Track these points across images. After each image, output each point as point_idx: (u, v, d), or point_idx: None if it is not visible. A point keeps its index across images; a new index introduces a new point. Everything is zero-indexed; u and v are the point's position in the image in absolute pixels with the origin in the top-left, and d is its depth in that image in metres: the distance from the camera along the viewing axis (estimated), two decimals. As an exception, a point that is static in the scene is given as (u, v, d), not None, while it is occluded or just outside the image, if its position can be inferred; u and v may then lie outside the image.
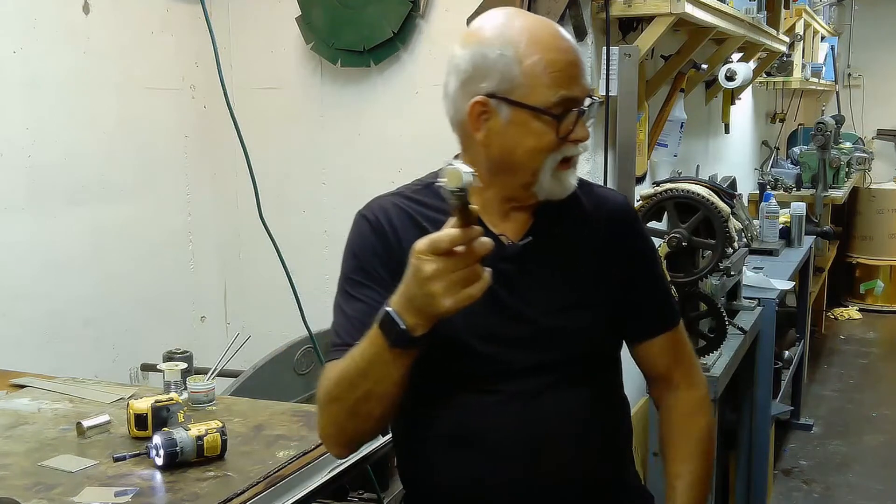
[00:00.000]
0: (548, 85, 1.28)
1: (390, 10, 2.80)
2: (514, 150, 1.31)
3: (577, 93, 1.30)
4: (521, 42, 1.28)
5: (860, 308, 6.76)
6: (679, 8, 2.54)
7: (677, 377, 1.50)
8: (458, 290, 1.12)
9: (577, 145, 1.33)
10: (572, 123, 1.30)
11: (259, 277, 3.16)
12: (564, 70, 1.29)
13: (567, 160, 1.32)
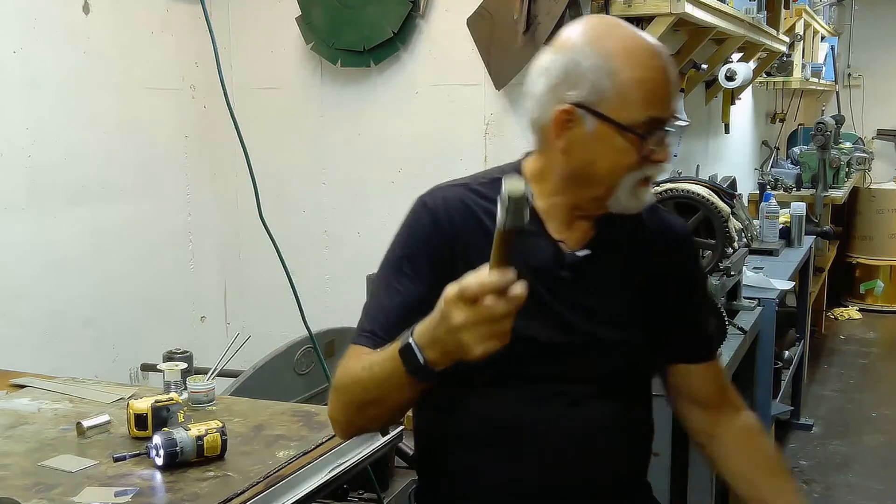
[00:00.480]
0: (638, 103, 1.25)
1: (390, 10, 2.80)
2: (594, 163, 1.29)
3: (665, 114, 1.28)
4: (616, 55, 1.25)
5: (860, 308, 6.76)
6: (679, 8, 2.54)
7: (724, 402, 1.51)
8: (489, 340, 1.08)
9: (658, 165, 1.30)
10: (656, 144, 1.28)
11: (259, 277, 3.16)
12: (656, 90, 1.26)
13: (646, 179, 1.31)
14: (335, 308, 3.02)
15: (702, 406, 1.50)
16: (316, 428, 1.66)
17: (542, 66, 1.31)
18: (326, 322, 2.54)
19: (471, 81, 2.81)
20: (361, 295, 2.75)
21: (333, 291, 3.11)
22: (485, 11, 2.69)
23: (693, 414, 1.52)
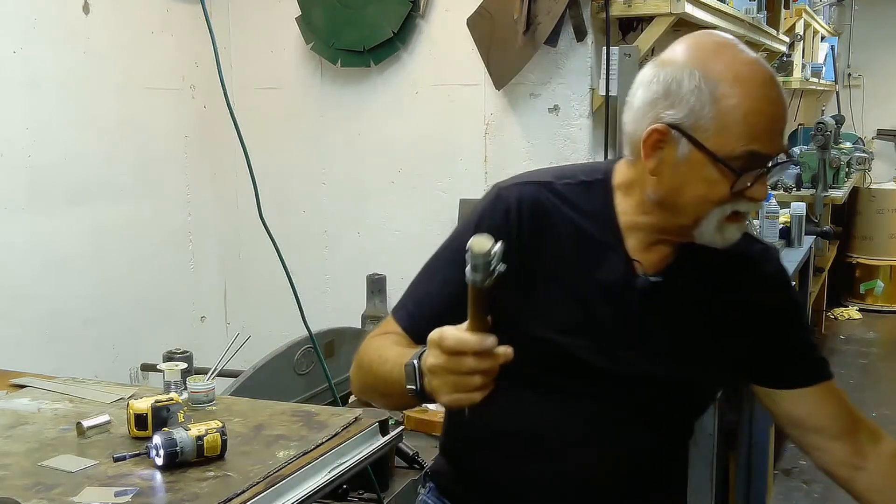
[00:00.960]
0: (738, 135, 1.15)
1: (390, 10, 2.80)
2: (682, 191, 1.20)
3: (768, 150, 1.17)
4: (724, 79, 1.16)
5: (860, 308, 6.76)
6: (679, 8, 2.54)
7: (859, 428, 1.40)
8: (456, 392, 1.04)
9: (752, 203, 1.20)
10: (752, 179, 1.17)
11: (259, 277, 3.16)
12: (762, 124, 1.16)
13: (736, 214, 1.21)
14: (335, 308, 3.02)
15: (835, 436, 1.39)
16: (316, 428, 1.65)
17: (643, 77, 1.22)
18: (326, 322, 2.54)
19: (471, 81, 2.81)
20: (361, 295, 2.77)
21: (333, 291, 3.11)
22: (485, 11, 2.69)
23: (827, 446, 1.40)
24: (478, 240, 0.97)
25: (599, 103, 2.68)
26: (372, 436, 1.68)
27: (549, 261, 1.27)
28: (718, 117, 1.15)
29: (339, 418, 1.71)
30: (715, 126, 1.15)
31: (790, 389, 1.36)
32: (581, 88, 2.69)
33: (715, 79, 1.16)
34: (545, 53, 2.66)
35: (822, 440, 1.39)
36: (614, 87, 2.61)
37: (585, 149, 2.71)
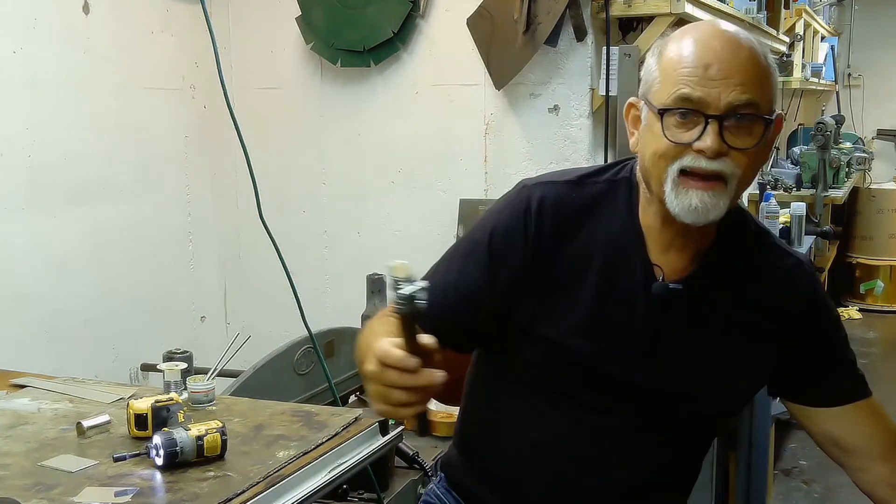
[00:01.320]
0: (672, 82, 1.14)
1: (390, 10, 2.80)
2: (645, 155, 1.19)
3: (700, 94, 1.12)
4: (673, 40, 1.17)
5: (860, 308, 6.76)
6: (679, 8, 2.54)
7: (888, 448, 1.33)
8: (384, 404, 1.04)
9: (695, 155, 1.14)
10: (685, 127, 1.14)
11: (259, 277, 3.16)
12: (696, 68, 1.13)
13: (687, 174, 1.14)
14: (335, 308, 3.02)
15: (875, 456, 1.32)
16: (316, 428, 1.65)
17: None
18: (326, 322, 2.54)
19: (471, 81, 2.81)
20: (361, 295, 2.76)
21: (333, 291, 3.11)
22: (485, 11, 2.69)
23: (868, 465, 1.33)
24: (399, 268, 0.98)
25: (599, 103, 2.68)
26: (372, 436, 1.68)
27: (569, 263, 1.24)
28: (661, 73, 1.17)
29: (339, 418, 1.71)
30: (657, 80, 1.17)
31: (825, 408, 1.32)
32: (581, 88, 2.69)
33: (667, 43, 1.18)
34: (545, 53, 2.66)
35: (862, 460, 1.33)
36: (614, 87, 2.61)
37: (585, 149, 2.71)
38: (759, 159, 1.19)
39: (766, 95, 1.15)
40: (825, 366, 1.32)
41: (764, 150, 1.19)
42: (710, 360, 1.27)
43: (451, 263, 1.30)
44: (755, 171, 1.21)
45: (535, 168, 2.70)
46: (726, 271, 1.26)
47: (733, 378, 1.29)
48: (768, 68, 1.17)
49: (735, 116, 1.13)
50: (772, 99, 1.17)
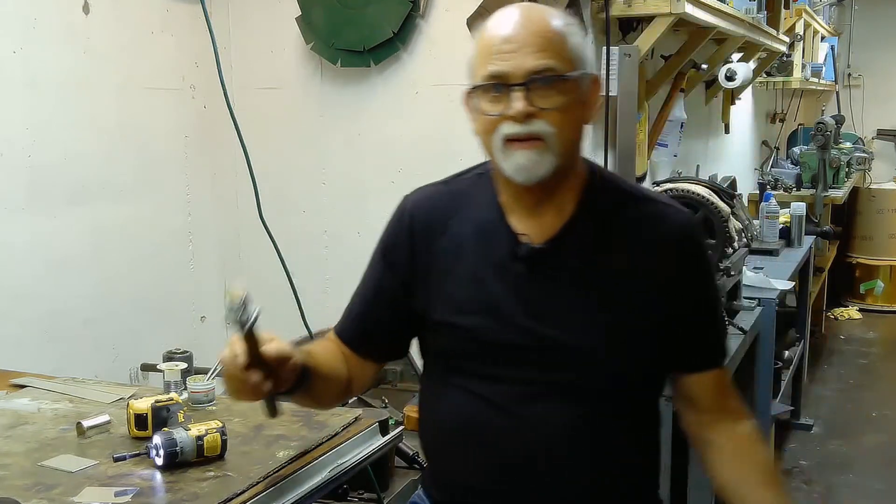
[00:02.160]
0: (481, 63, 1.28)
1: (390, 10, 2.80)
2: (479, 135, 1.33)
3: (504, 69, 1.26)
4: (482, 27, 1.32)
5: (860, 308, 6.76)
6: (679, 8, 2.54)
7: (724, 409, 1.43)
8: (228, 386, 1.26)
9: (510, 122, 1.26)
10: (490, 97, 1.27)
11: (259, 277, 3.16)
12: (494, 45, 1.27)
13: (511, 140, 1.27)
14: (335, 308, 3.01)
15: (698, 409, 1.44)
16: (316, 428, 1.66)
17: None
18: (326, 322, 2.52)
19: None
20: (361, 295, 2.76)
21: (333, 291, 3.11)
22: (485, 11, 2.68)
23: (689, 415, 1.46)
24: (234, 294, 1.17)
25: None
26: (372, 436, 1.68)
27: (446, 252, 1.38)
28: (474, 59, 1.31)
29: (339, 418, 1.71)
30: (474, 67, 1.31)
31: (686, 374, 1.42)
32: (581, 88, 2.69)
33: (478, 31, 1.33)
34: (545, 53, 2.66)
35: (688, 410, 1.46)
36: (614, 87, 2.60)
37: (585, 148, 2.70)
38: (575, 116, 1.30)
39: (563, 58, 1.27)
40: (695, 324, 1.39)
41: (581, 107, 1.31)
42: (589, 314, 1.33)
43: (361, 280, 1.50)
44: (575, 128, 1.32)
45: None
46: (598, 227, 1.35)
47: (606, 332, 1.32)
48: (563, 33, 1.29)
49: (538, 81, 1.25)
50: (572, 59, 1.29)
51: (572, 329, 1.32)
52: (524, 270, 1.33)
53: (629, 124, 2.63)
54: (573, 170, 1.35)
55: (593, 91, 1.34)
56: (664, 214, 1.37)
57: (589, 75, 1.32)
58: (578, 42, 1.31)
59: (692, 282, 1.37)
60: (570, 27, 1.31)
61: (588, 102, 1.33)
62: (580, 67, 1.30)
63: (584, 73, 1.30)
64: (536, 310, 1.32)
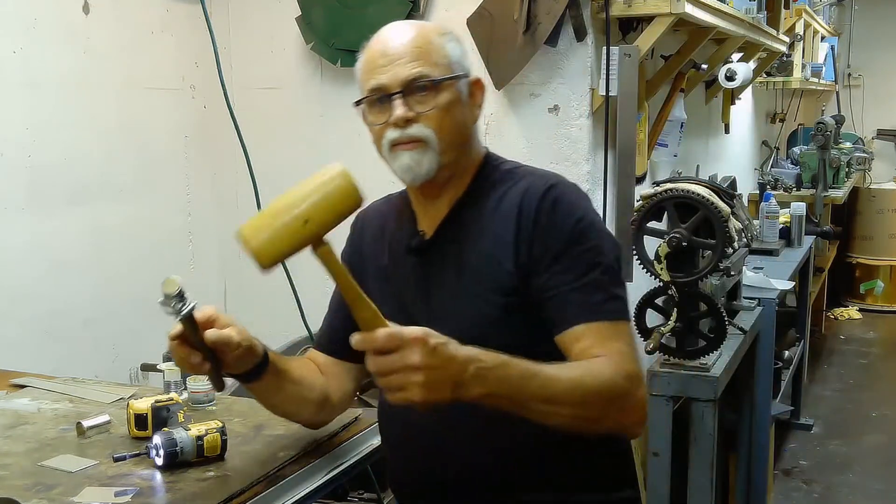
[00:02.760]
0: (365, 79, 1.41)
1: (390, 10, 2.80)
2: (373, 143, 1.46)
3: (382, 81, 1.38)
4: (366, 46, 1.44)
5: (860, 308, 6.76)
6: (679, 8, 2.54)
7: (602, 353, 1.32)
8: (176, 360, 1.40)
9: (392, 128, 1.39)
10: (373, 108, 1.40)
11: (259, 277, 3.15)
12: (373, 61, 1.40)
13: (396, 144, 1.40)
14: (335, 308, 3.01)
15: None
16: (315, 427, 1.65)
17: None
18: (326, 322, 2.54)
19: (471, 81, 2.81)
20: (361, 295, 2.77)
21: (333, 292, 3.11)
22: (485, 11, 2.69)
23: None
24: (169, 283, 1.33)
25: (599, 103, 2.68)
26: (372, 436, 1.68)
27: (374, 254, 1.55)
28: (359, 75, 1.44)
29: (339, 418, 1.71)
30: (360, 83, 1.44)
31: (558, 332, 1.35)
32: (581, 88, 2.69)
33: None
34: (545, 53, 2.66)
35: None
36: (614, 87, 2.60)
37: (585, 149, 2.71)
38: (454, 116, 1.40)
39: (436, 64, 1.38)
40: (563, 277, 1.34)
41: (460, 107, 1.41)
42: (461, 299, 1.40)
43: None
44: (456, 127, 1.41)
45: (535, 168, 2.70)
46: (476, 213, 1.43)
47: (484, 310, 1.37)
48: (435, 43, 1.40)
49: (414, 88, 1.37)
50: (448, 65, 1.39)
51: (449, 315, 1.39)
52: (416, 262, 1.46)
53: (629, 124, 2.64)
54: (462, 164, 1.45)
55: (474, 92, 1.46)
56: (519, 186, 1.42)
57: (467, 77, 1.43)
58: (453, 49, 1.42)
59: (534, 244, 1.36)
60: (443, 37, 1.42)
61: (470, 102, 1.44)
62: (456, 72, 1.40)
63: (458, 75, 1.41)
64: (426, 298, 1.44)
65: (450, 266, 1.42)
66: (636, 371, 1.32)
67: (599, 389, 1.26)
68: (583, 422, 1.27)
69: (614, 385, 1.28)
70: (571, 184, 1.44)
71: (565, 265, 1.35)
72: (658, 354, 2.33)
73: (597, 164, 2.74)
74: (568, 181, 1.44)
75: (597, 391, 1.26)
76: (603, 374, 1.27)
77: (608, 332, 1.33)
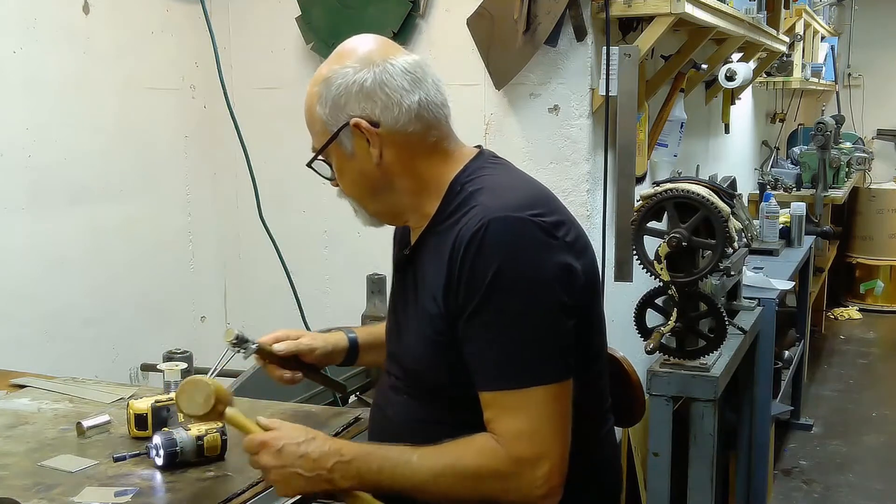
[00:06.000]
0: None
1: (390, 10, 2.80)
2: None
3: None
4: None
5: (860, 308, 6.76)
6: (679, 8, 2.54)
7: (497, 431, 1.29)
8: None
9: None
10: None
11: (259, 277, 3.16)
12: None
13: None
14: (335, 308, 3.02)
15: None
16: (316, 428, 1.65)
17: None
18: (326, 322, 2.54)
19: (471, 81, 2.81)
20: (361, 295, 2.76)
21: (333, 291, 3.11)
22: (485, 11, 2.69)
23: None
24: (228, 333, 1.53)
25: (599, 103, 2.68)
26: (372, 436, 1.68)
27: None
28: None
29: (339, 418, 1.71)
30: None
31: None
32: (581, 88, 2.69)
33: None
34: (545, 53, 2.66)
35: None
36: (614, 87, 2.60)
37: (585, 149, 2.71)
38: (349, 174, 1.40)
39: (317, 133, 1.40)
40: (473, 333, 1.28)
41: (351, 163, 1.38)
42: (407, 323, 1.43)
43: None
44: (357, 183, 1.40)
45: (536, 168, 2.70)
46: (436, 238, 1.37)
47: (418, 340, 1.38)
48: (310, 109, 1.42)
49: (317, 164, 1.43)
50: (322, 130, 1.39)
51: (408, 332, 1.42)
52: (396, 279, 1.51)
53: (629, 124, 2.63)
54: (411, 198, 1.40)
55: (360, 134, 1.35)
56: (461, 221, 1.31)
57: (345, 129, 1.35)
58: (322, 106, 1.38)
59: (459, 291, 1.29)
60: (314, 97, 1.41)
61: (359, 148, 1.36)
62: (331, 131, 1.37)
63: (332, 137, 1.37)
64: (402, 310, 1.46)
65: (410, 287, 1.43)
66: (530, 453, 1.26)
67: (468, 476, 1.27)
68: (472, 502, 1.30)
69: (486, 472, 1.26)
70: (511, 219, 1.27)
71: (482, 320, 1.27)
72: (658, 354, 2.33)
73: (597, 164, 2.74)
74: (510, 216, 1.27)
75: (466, 477, 1.28)
76: (474, 462, 1.27)
77: (511, 404, 1.26)
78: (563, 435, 1.29)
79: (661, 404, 2.34)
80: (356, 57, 1.42)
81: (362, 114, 1.35)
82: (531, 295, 1.26)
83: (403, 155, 1.37)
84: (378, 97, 1.35)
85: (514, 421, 1.26)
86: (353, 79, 1.38)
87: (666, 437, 2.35)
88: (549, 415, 1.27)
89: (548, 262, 1.27)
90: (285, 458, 1.28)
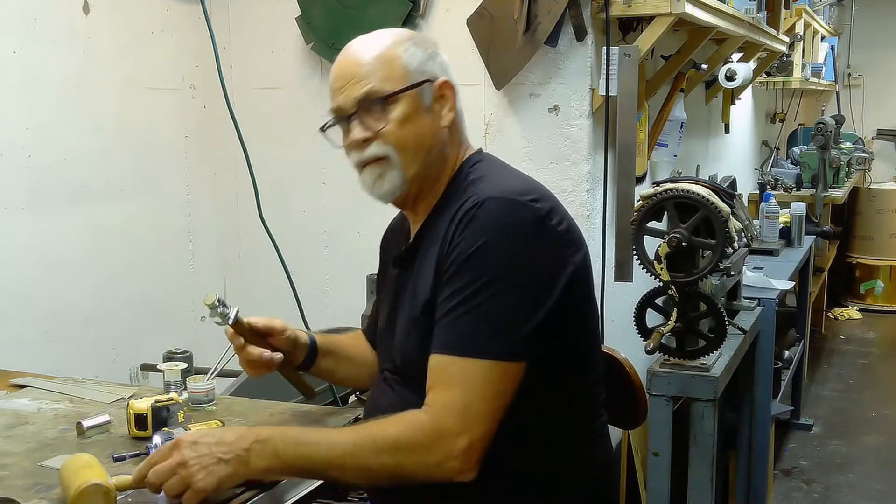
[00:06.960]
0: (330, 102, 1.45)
1: (390, 10, 2.80)
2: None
3: (338, 103, 1.41)
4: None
5: (860, 308, 6.76)
6: (679, 8, 2.54)
7: (428, 400, 1.31)
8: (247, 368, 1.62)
9: (353, 151, 1.41)
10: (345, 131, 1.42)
11: (259, 277, 3.16)
12: (331, 84, 1.43)
13: (360, 165, 1.42)
14: (335, 308, 3.02)
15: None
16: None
17: None
18: (326, 322, 2.54)
19: (471, 81, 2.81)
20: (361, 295, 2.77)
21: (333, 291, 3.11)
22: (485, 11, 2.69)
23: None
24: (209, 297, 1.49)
25: (599, 103, 2.68)
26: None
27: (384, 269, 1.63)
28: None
29: (339, 418, 1.71)
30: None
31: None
32: (581, 88, 2.69)
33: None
34: (545, 53, 2.66)
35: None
36: (614, 87, 2.60)
37: (585, 148, 2.71)
38: (416, 126, 1.39)
39: (388, 77, 1.38)
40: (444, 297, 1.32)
41: (424, 115, 1.39)
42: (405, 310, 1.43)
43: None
44: (417, 139, 1.39)
45: (536, 168, 2.70)
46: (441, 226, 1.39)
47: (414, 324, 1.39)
48: (386, 55, 1.39)
49: (368, 106, 1.37)
50: (403, 76, 1.38)
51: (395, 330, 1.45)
52: (396, 273, 1.50)
53: (629, 124, 2.64)
54: (433, 174, 1.43)
55: (442, 95, 1.43)
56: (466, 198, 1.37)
57: (431, 82, 1.41)
58: (411, 57, 1.40)
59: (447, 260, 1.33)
60: (400, 46, 1.41)
61: (435, 108, 1.42)
62: (413, 80, 1.39)
63: (415, 84, 1.39)
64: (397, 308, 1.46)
65: (410, 278, 1.43)
66: (454, 426, 1.27)
67: (385, 447, 1.28)
68: (387, 480, 1.31)
69: (404, 443, 1.28)
70: (507, 200, 1.32)
71: (454, 288, 1.30)
72: (658, 354, 2.33)
73: (597, 164, 2.74)
74: (507, 198, 1.32)
75: (383, 449, 1.28)
76: (394, 432, 1.28)
77: (453, 372, 1.28)
78: (492, 416, 1.29)
79: (661, 404, 2.34)
80: (428, 40, 1.50)
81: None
82: (508, 274, 1.29)
83: (454, 129, 1.46)
84: (449, 74, 1.46)
85: (449, 392, 1.28)
86: (437, 50, 1.47)
87: (666, 437, 2.35)
88: (485, 393, 1.28)
89: (533, 246, 1.31)
90: (202, 448, 1.26)
